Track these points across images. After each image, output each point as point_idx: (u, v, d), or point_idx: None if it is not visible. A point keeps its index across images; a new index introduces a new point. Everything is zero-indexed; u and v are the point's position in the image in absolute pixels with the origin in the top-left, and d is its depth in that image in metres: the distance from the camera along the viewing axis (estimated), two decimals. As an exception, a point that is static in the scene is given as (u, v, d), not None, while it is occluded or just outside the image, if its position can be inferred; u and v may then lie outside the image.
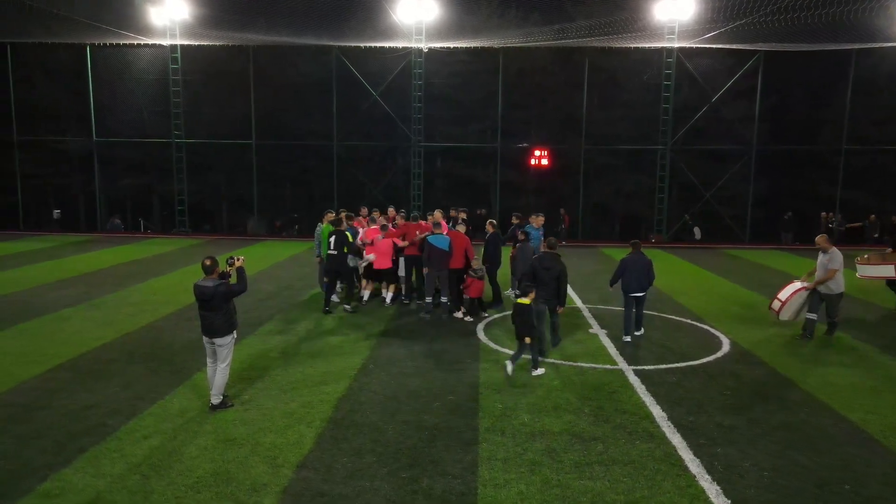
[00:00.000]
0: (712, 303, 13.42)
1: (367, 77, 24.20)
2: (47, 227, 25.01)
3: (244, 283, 7.38)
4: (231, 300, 7.17)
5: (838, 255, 10.31)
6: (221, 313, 7.07)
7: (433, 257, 11.24)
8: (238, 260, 7.38)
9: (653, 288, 14.23)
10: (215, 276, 7.17)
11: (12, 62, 24.34)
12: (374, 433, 6.62)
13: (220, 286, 7.06)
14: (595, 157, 25.40)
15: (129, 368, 8.59)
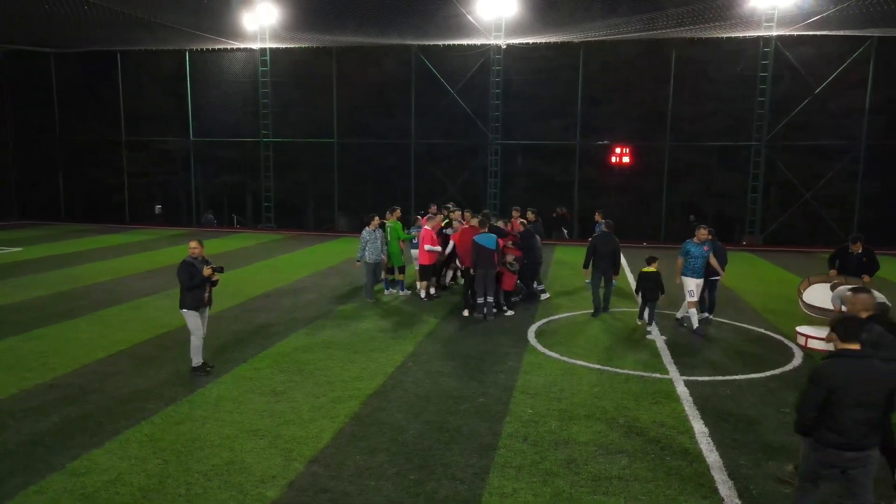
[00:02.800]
0: (793, 311, 12.37)
1: (446, 75, 24.23)
2: (150, 222, 26.83)
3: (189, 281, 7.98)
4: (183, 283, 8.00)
5: None
6: (181, 290, 8.11)
7: (481, 257, 11.07)
8: (207, 269, 8.08)
9: (728, 292, 13.47)
10: (191, 255, 8.10)
11: (121, 68, 26.32)
12: (394, 432, 6.57)
13: (181, 268, 8.05)
14: (682, 155, 24.12)
15: (183, 356, 8.98)
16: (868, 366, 4.29)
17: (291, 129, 25.80)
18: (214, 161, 27.05)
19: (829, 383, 4.25)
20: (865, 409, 4.21)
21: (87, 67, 26.76)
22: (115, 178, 26.86)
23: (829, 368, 4.31)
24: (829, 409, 4.26)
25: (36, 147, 27.72)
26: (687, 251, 10.55)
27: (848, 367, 4.27)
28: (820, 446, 4.36)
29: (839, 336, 4.42)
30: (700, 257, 10.49)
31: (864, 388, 4.21)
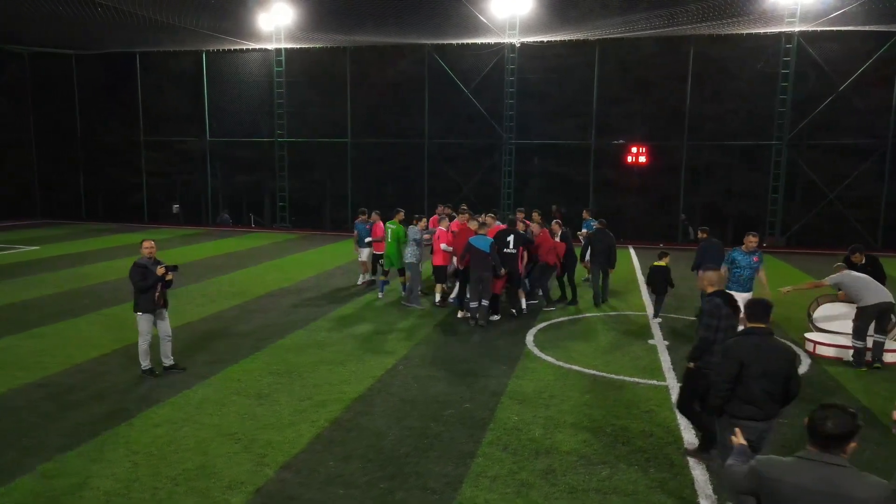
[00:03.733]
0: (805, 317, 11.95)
1: (460, 74, 24.06)
2: (168, 221, 27.12)
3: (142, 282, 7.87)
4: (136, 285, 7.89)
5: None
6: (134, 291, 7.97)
7: (475, 260, 10.86)
8: (160, 268, 7.98)
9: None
10: (143, 256, 8.02)
11: (140, 69, 26.65)
12: (372, 438, 6.43)
13: (132, 269, 7.92)
14: (701, 154, 23.62)
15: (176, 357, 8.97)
16: (771, 341, 4.74)
17: (306, 128, 25.88)
18: (231, 161, 27.25)
19: (739, 357, 4.66)
20: (770, 381, 4.61)
21: (108, 68, 27.14)
22: (134, 177, 27.22)
23: (739, 344, 4.76)
24: (740, 381, 4.68)
25: (58, 147, 28.21)
26: (733, 260, 9.54)
27: (754, 342, 4.69)
28: (735, 421, 4.58)
29: (747, 317, 4.85)
30: (748, 268, 9.47)
31: (767, 360, 4.64)
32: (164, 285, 8.07)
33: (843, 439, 2.88)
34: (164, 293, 8.12)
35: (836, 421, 2.88)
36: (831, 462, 2.87)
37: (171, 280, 8.18)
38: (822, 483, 2.84)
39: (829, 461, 2.88)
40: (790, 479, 2.92)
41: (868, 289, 8.88)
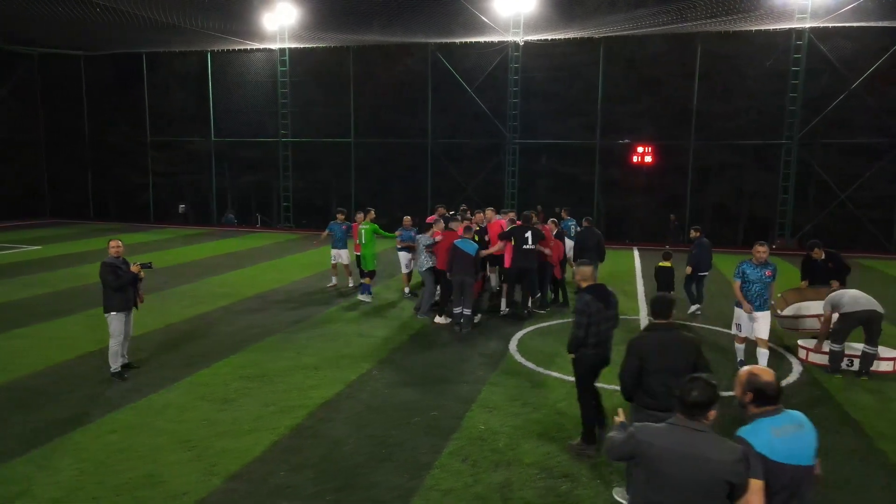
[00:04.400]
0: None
1: (464, 73, 23.82)
2: (174, 221, 27.22)
3: (117, 281, 7.86)
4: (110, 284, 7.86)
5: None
6: (104, 291, 7.94)
7: (458, 263, 10.61)
8: (135, 265, 8.09)
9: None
10: (111, 255, 7.99)
11: (147, 70, 26.79)
12: (330, 446, 6.25)
13: (103, 268, 7.87)
14: (710, 154, 23.10)
15: (149, 360, 8.88)
16: (673, 337, 4.86)
17: (310, 128, 25.81)
18: (237, 161, 27.25)
19: (640, 352, 4.76)
20: (670, 375, 4.59)
21: (115, 69, 27.32)
22: (140, 178, 27.37)
23: (642, 340, 4.93)
24: (643, 375, 4.79)
25: (66, 147, 28.45)
26: (742, 273, 8.33)
27: (657, 338, 4.83)
28: (641, 408, 4.86)
29: (651, 313, 5.01)
30: (759, 283, 8.22)
31: (668, 355, 4.75)
32: (136, 284, 8.09)
33: (706, 407, 3.18)
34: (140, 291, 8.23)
35: (700, 391, 3.17)
36: (695, 428, 3.18)
37: (143, 277, 8.21)
38: (685, 446, 3.14)
39: (694, 427, 3.18)
40: (659, 442, 3.19)
41: (853, 297, 8.65)
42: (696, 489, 3.08)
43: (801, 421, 3.40)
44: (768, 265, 8.24)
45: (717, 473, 3.07)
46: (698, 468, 3.07)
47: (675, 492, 3.11)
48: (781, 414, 3.37)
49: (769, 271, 8.24)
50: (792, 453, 3.27)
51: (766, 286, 8.24)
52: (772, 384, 3.37)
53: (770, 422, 3.33)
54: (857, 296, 8.64)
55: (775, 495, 3.21)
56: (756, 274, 8.23)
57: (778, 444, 3.25)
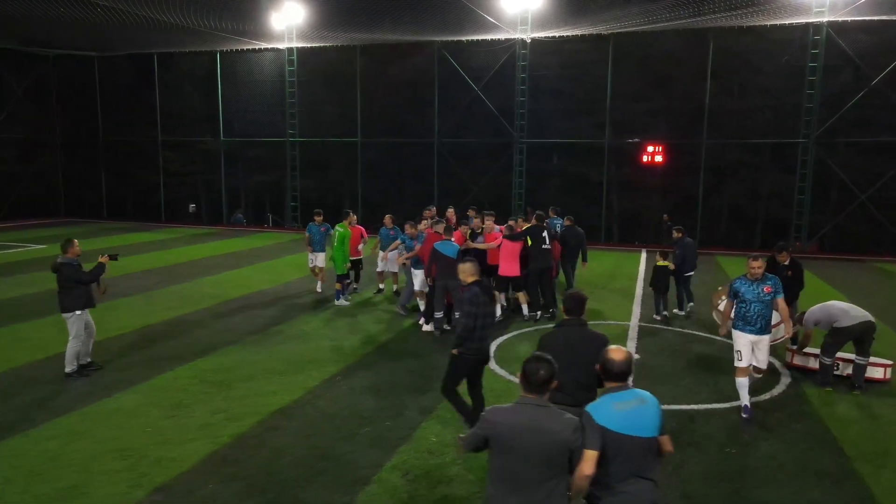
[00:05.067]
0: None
1: (470, 71, 23.49)
2: (184, 220, 27.38)
3: (91, 275, 8.05)
4: (77, 283, 7.93)
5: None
6: (65, 291, 7.93)
7: (440, 266, 10.34)
8: (103, 256, 8.24)
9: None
10: (70, 256, 8.05)
11: (158, 70, 27.00)
12: (269, 457, 6.03)
13: (65, 266, 7.90)
14: (723, 153, 22.35)
15: (115, 362, 8.77)
16: (582, 333, 4.93)
17: (318, 128, 25.72)
18: (246, 161, 27.26)
19: (550, 348, 4.64)
20: (579, 370, 4.65)
21: (128, 69, 27.57)
22: (152, 177, 27.59)
23: (551, 335, 5.03)
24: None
25: (81, 148, 28.82)
26: (735, 293, 7.28)
27: (566, 333, 4.92)
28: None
29: (564, 310, 5.13)
30: (757, 301, 7.09)
31: (577, 351, 4.77)
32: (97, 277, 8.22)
33: (549, 382, 3.48)
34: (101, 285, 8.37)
35: (546, 370, 3.46)
36: (538, 403, 3.47)
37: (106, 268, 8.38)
38: (529, 420, 3.42)
39: (537, 403, 3.48)
40: (506, 420, 3.47)
41: (843, 310, 8.15)
42: (541, 458, 3.39)
43: (644, 397, 3.69)
44: (766, 280, 7.13)
45: (558, 443, 3.39)
46: (541, 439, 3.38)
47: (522, 461, 3.40)
48: (626, 391, 3.69)
49: (768, 287, 7.09)
50: (631, 425, 3.56)
51: (767, 304, 7.09)
52: (616, 363, 3.72)
53: (613, 397, 3.66)
54: (847, 308, 8.17)
55: (614, 461, 3.54)
56: (752, 292, 7.12)
57: (618, 416, 3.55)
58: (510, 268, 11.28)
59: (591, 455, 3.46)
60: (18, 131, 27.33)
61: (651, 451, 3.63)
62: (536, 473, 3.39)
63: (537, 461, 3.39)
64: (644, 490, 3.59)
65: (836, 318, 8.10)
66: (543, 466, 3.39)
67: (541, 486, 3.39)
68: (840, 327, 8.03)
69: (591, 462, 3.45)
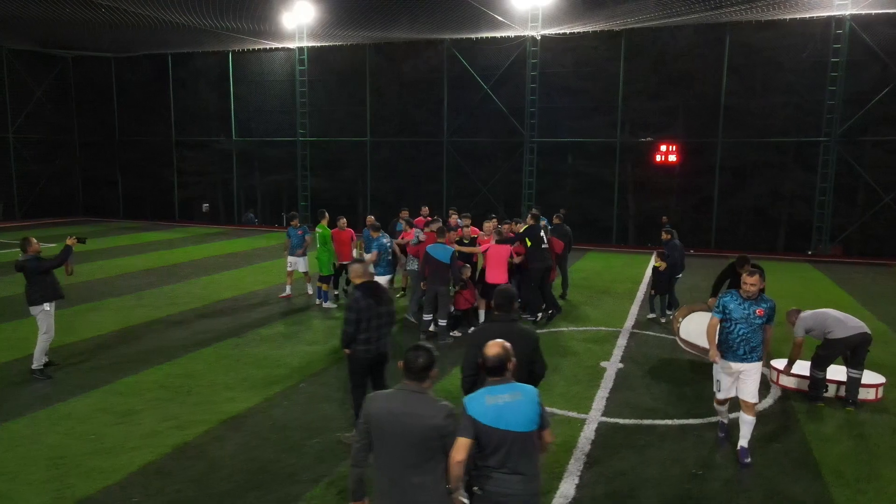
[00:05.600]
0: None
1: (480, 70, 23.10)
2: (197, 220, 27.54)
3: (57, 260, 8.23)
4: (45, 274, 8.10)
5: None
6: (32, 284, 8.06)
7: (431, 270, 10.03)
8: (70, 239, 8.40)
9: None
10: (30, 253, 8.11)
11: (172, 71, 27.20)
12: (206, 470, 5.79)
13: (28, 261, 8.05)
14: (743, 153, 21.54)
15: (83, 364, 8.67)
16: (511, 329, 4.78)
17: (327, 127, 25.62)
18: (259, 160, 27.29)
19: (479, 344, 4.48)
20: None
21: (143, 70, 27.84)
22: (166, 177, 27.81)
23: (480, 331, 5.08)
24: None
25: (99, 148, 29.21)
26: (723, 308, 6.15)
27: (496, 329, 4.71)
28: None
29: (494, 306, 5.08)
30: (744, 323, 6.01)
31: None
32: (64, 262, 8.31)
33: (428, 370, 3.58)
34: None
35: (424, 357, 3.57)
36: (415, 390, 3.57)
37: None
38: (403, 405, 3.53)
39: (414, 389, 3.57)
40: (381, 405, 3.59)
41: (836, 321, 7.58)
42: (413, 442, 3.48)
43: (521, 392, 3.69)
44: (761, 302, 6.04)
45: (430, 428, 3.46)
46: (413, 423, 3.47)
47: (396, 445, 3.51)
48: (502, 385, 3.70)
49: (761, 310, 5.98)
50: (501, 419, 3.59)
51: (756, 330, 5.99)
52: (489, 357, 3.74)
53: (488, 391, 3.68)
54: (842, 318, 7.61)
55: (486, 453, 3.61)
56: (741, 311, 6.01)
57: (489, 410, 3.59)
58: (497, 275, 10.79)
59: (462, 442, 3.52)
60: (38, 131, 27.78)
61: (525, 445, 3.63)
62: (411, 457, 3.49)
63: (410, 445, 3.49)
64: (514, 483, 3.62)
65: (830, 328, 7.57)
66: (416, 451, 3.49)
67: (416, 470, 3.50)
68: (834, 339, 7.49)
69: (461, 449, 3.51)
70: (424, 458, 3.49)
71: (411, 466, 3.49)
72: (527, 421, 3.63)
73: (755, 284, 6.03)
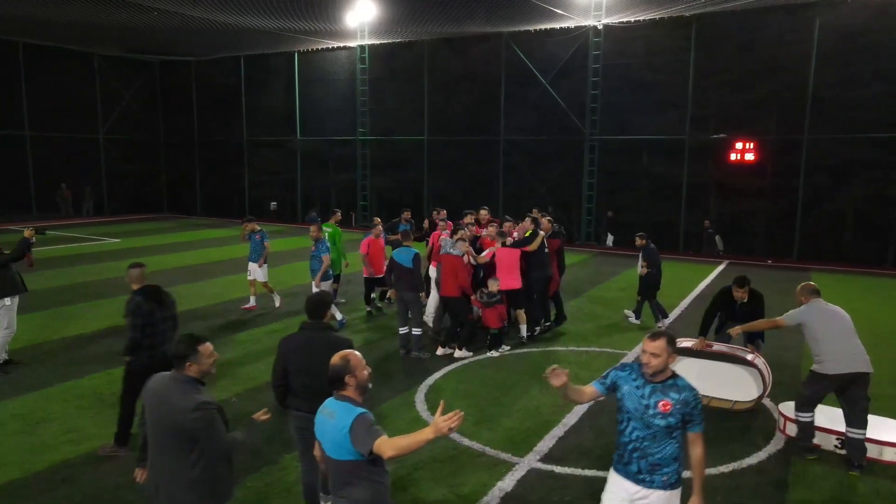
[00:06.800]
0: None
1: (538, 64, 21.84)
2: (265, 218, 28.10)
3: (14, 253, 8.06)
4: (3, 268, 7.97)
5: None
6: None
7: (396, 277, 9.27)
8: (28, 230, 8.18)
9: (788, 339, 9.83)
10: None
11: (244, 72, 27.98)
12: (62, 495, 5.36)
13: None
14: (836, 150, 18.83)
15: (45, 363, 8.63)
16: (320, 336, 4.71)
17: (386, 125, 25.33)
18: (322, 159, 27.38)
19: (284, 352, 4.74)
20: (311, 376, 4.51)
21: (218, 72, 28.88)
22: (239, 176, 28.72)
23: (287, 339, 4.87)
24: (288, 376, 4.72)
25: (180, 148, 30.68)
26: (612, 384, 3.95)
27: (304, 337, 4.74)
28: (291, 412, 4.79)
29: (306, 311, 4.93)
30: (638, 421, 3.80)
31: (312, 356, 4.57)
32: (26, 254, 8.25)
33: (185, 358, 3.66)
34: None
35: (185, 345, 3.70)
36: (175, 377, 3.69)
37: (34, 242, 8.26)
38: (163, 391, 3.66)
39: (175, 377, 3.69)
40: (149, 387, 3.74)
41: (834, 342, 5.85)
42: (164, 429, 3.60)
43: (338, 413, 3.38)
44: (671, 389, 3.71)
45: (178, 418, 3.53)
46: (166, 410, 3.59)
47: (152, 430, 3.68)
48: (331, 400, 3.48)
49: (667, 403, 3.68)
50: (322, 435, 3.45)
51: (658, 436, 3.72)
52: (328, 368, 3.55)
53: (327, 402, 3.49)
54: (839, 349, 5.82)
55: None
56: (636, 399, 3.78)
57: (318, 422, 3.48)
58: (510, 279, 9.78)
59: (315, 443, 3.56)
60: (127, 133, 29.51)
61: (341, 473, 3.37)
62: (166, 443, 3.60)
63: (161, 431, 3.62)
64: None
65: (822, 353, 5.88)
66: (168, 438, 3.59)
67: (171, 457, 3.58)
68: (822, 373, 5.90)
69: (316, 449, 3.59)
70: (175, 447, 3.56)
71: (166, 451, 3.60)
72: (334, 446, 3.34)
73: (658, 354, 3.68)
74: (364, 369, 3.49)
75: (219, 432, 3.57)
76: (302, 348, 4.68)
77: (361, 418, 3.29)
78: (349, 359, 3.47)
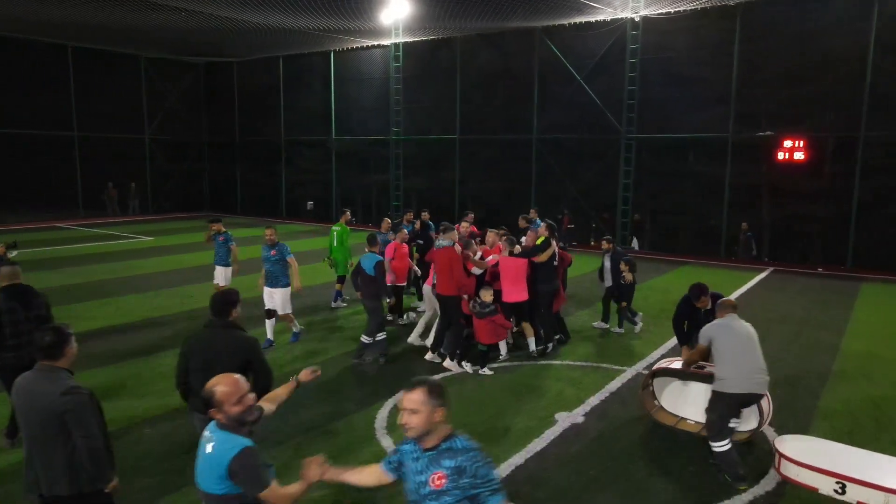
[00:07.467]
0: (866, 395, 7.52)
1: (573, 59, 20.94)
2: (302, 217, 28.23)
3: None
4: None
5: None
6: None
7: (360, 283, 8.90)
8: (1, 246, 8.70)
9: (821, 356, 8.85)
10: None
11: (283, 72, 28.14)
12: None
13: None
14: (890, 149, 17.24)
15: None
16: (224, 335, 4.63)
17: (419, 125, 24.94)
18: (357, 158, 27.21)
19: (186, 350, 4.70)
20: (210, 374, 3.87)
21: (258, 73, 29.21)
22: (277, 175, 28.94)
23: (191, 338, 4.82)
24: (189, 374, 4.62)
25: (222, 148, 31.21)
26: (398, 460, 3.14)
27: (208, 335, 4.69)
28: (191, 411, 4.76)
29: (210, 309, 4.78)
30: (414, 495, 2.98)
31: (213, 354, 4.50)
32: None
33: (52, 348, 3.76)
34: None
35: (50, 336, 3.76)
36: (40, 368, 3.79)
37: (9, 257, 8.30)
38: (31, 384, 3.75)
39: (39, 368, 3.79)
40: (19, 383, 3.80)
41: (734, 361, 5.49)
42: (34, 419, 3.66)
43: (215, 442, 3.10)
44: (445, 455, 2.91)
45: (48, 403, 3.61)
46: (36, 399, 3.66)
47: (26, 425, 3.71)
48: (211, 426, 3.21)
49: (441, 475, 2.87)
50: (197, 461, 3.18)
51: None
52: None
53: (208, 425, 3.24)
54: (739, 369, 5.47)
55: None
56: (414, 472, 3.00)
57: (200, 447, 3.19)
58: (516, 291, 9.08)
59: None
60: (172, 133, 30.18)
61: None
62: (39, 433, 3.63)
63: (35, 423, 3.65)
64: None
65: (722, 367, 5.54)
66: (41, 428, 3.63)
67: (43, 448, 3.63)
68: (720, 391, 5.51)
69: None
70: (46, 438, 3.60)
71: (37, 442, 3.64)
72: (206, 476, 3.07)
73: (416, 409, 2.88)
74: (236, 405, 3.08)
75: (91, 416, 3.62)
76: (203, 347, 4.63)
77: (245, 454, 2.99)
78: (214, 392, 3.12)
